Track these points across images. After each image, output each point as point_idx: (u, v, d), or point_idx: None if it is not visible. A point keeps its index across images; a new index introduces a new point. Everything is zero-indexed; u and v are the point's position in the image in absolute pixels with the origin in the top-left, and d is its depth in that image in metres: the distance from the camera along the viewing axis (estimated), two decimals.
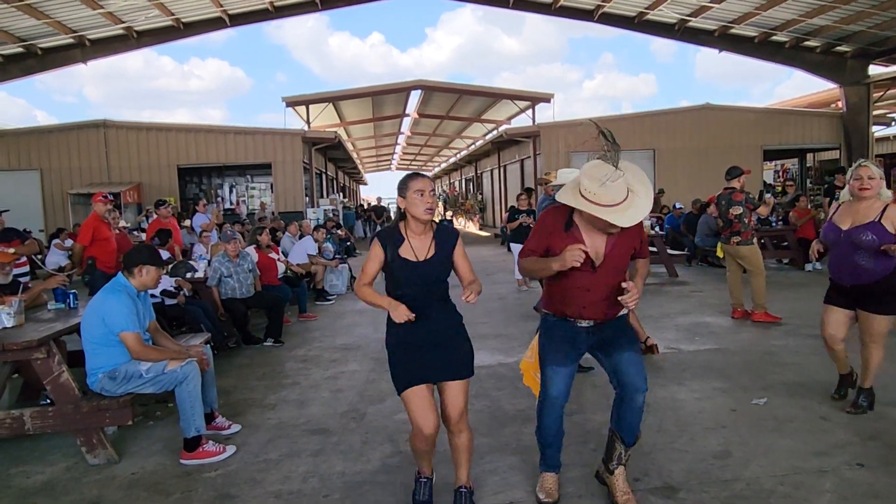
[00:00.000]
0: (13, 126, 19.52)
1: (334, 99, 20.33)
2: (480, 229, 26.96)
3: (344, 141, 23.34)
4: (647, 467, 3.26)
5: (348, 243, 16.00)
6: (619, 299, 2.66)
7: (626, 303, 2.64)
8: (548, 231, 2.81)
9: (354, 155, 32.32)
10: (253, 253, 7.17)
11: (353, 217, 22.14)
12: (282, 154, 18.34)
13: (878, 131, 20.82)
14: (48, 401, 3.86)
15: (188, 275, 6.62)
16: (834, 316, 3.96)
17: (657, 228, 11.93)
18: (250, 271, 6.65)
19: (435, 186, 2.83)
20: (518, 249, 9.81)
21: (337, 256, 10.65)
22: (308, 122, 20.23)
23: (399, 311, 2.59)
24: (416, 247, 2.72)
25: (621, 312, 2.86)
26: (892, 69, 17.80)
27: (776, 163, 24.71)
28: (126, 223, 10.68)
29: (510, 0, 17.54)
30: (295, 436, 3.92)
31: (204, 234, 9.04)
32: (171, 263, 6.66)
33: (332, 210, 19.19)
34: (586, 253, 2.59)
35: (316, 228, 10.83)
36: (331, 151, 23.54)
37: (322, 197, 21.90)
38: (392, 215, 32.88)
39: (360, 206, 30.87)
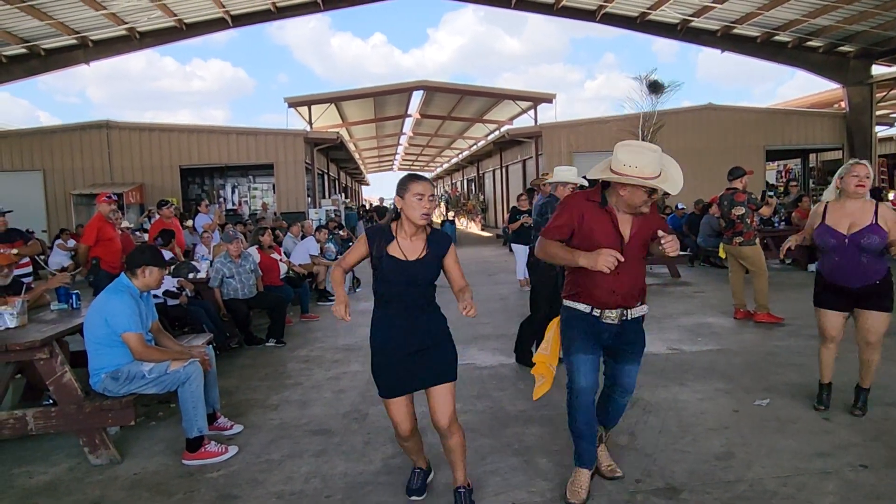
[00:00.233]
0: (16, 127, 19.58)
1: (336, 99, 20.34)
2: (482, 230, 26.95)
3: (346, 141, 23.34)
4: (650, 468, 3.26)
5: (350, 244, 16.01)
6: (661, 245, 2.67)
7: (666, 249, 2.65)
8: (577, 214, 2.81)
9: (356, 155, 32.34)
10: (255, 253, 7.18)
11: (356, 217, 22.11)
12: (284, 154, 18.36)
13: (881, 131, 20.78)
14: (51, 401, 3.86)
15: (190, 275, 6.63)
16: (834, 319, 3.89)
17: None
18: (252, 272, 6.66)
19: (435, 190, 2.81)
20: (519, 250, 9.84)
21: (339, 257, 10.65)
22: (310, 123, 20.25)
23: (339, 308, 2.62)
24: (406, 247, 2.70)
25: (641, 310, 2.93)
26: (895, 69, 17.77)
27: (779, 163, 24.66)
28: (129, 223, 10.71)
29: (512, 0, 17.54)
30: (297, 436, 3.93)
31: (206, 235, 9.05)
32: (174, 264, 6.67)
33: (335, 210, 19.19)
34: (619, 235, 2.72)
35: (318, 229, 10.84)
36: (333, 152, 23.56)
37: (324, 197, 21.91)
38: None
39: (362, 207, 30.86)
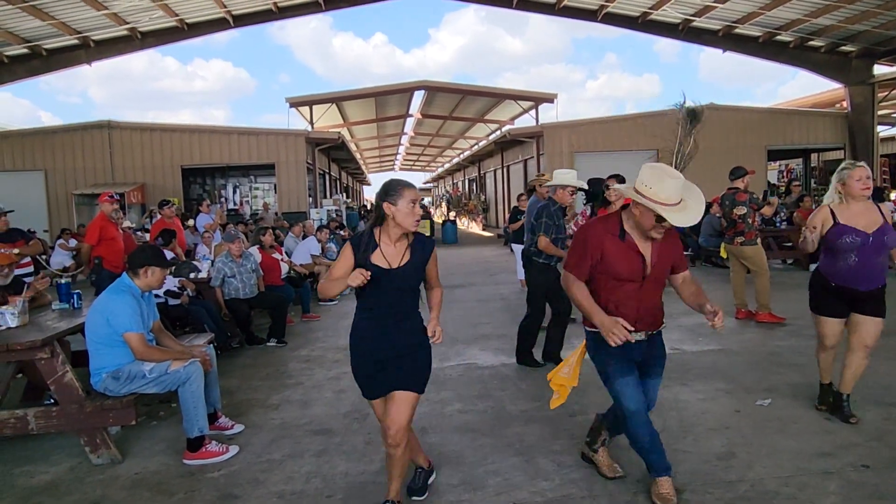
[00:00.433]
0: (18, 127, 19.60)
1: (338, 99, 20.35)
2: (483, 230, 26.95)
3: (347, 141, 23.34)
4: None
5: None
6: (711, 325, 2.70)
7: (717, 326, 2.69)
8: (598, 246, 2.78)
9: (358, 155, 32.35)
10: (256, 253, 7.18)
11: (357, 217, 22.14)
12: (285, 154, 18.36)
13: (883, 131, 20.74)
14: (52, 401, 3.87)
15: (192, 275, 6.64)
16: (837, 327, 3.78)
17: None
18: (253, 271, 6.66)
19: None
20: (520, 250, 9.80)
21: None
22: (311, 123, 20.26)
23: (355, 275, 2.56)
24: (390, 254, 2.67)
25: (662, 326, 2.98)
26: None
27: (780, 163, 24.63)
28: (131, 223, 10.72)
29: (513, 0, 17.54)
30: (298, 436, 3.92)
31: (207, 235, 9.06)
32: (175, 264, 6.67)
33: (336, 210, 19.19)
34: (641, 257, 2.73)
35: (319, 229, 10.84)
36: (334, 152, 23.56)
37: (325, 197, 21.91)
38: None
39: (364, 207, 30.89)
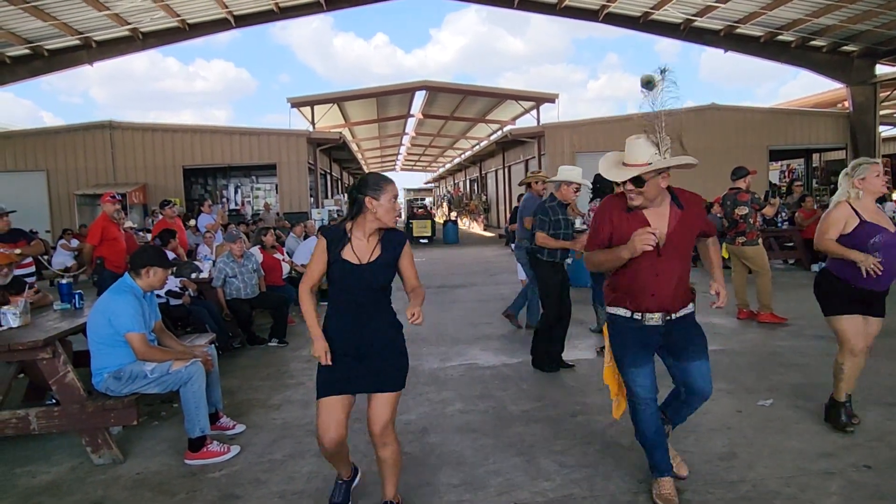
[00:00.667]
0: (20, 127, 19.65)
1: (339, 100, 20.37)
2: (484, 230, 26.95)
3: (348, 141, 23.37)
4: None
5: None
6: (713, 305, 2.83)
7: (720, 306, 2.82)
8: (608, 220, 2.82)
9: (359, 155, 32.39)
10: (257, 253, 7.19)
11: None
12: (286, 155, 18.38)
13: (885, 131, 20.74)
14: (53, 401, 3.88)
15: (193, 275, 6.64)
16: (862, 326, 3.57)
17: None
18: (255, 271, 6.66)
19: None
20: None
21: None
22: (313, 123, 20.27)
23: (317, 348, 2.61)
24: (360, 250, 2.64)
25: (686, 309, 2.88)
26: None
27: (782, 163, 24.61)
28: (132, 223, 10.73)
29: (515, 0, 17.53)
30: (299, 436, 3.92)
31: (208, 235, 9.07)
32: (176, 264, 6.67)
33: (337, 210, 19.20)
34: (653, 234, 2.67)
35: (320, 229, 10.83)
36: (335, 152, 23.60)
37: (327, 197, 21.95)
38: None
39: None
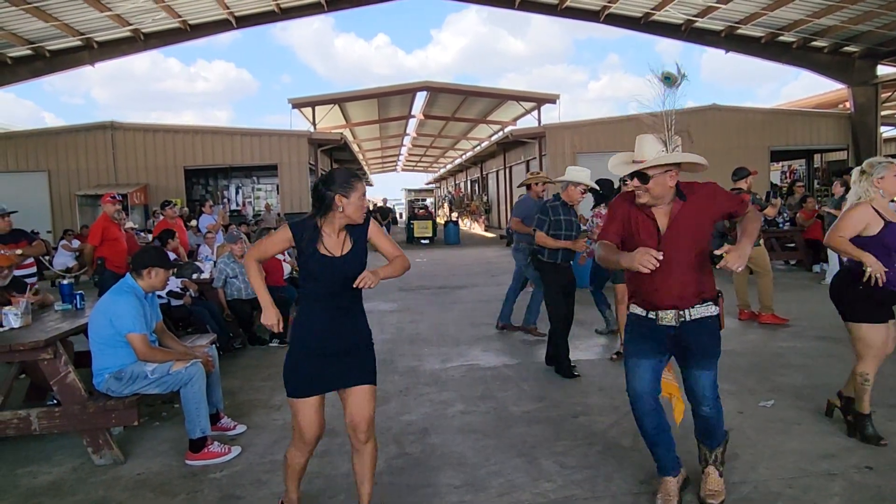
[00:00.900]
0: (21, 128, 19.68)
1: (340, 100, 20.37)
2: (486, 230, 26.94)
3: (350, 142, 23.38)
4: (653, 469, 3.24)
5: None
6: (720, 265, 2.55)
7: (728, 265, 2.52)
8: (624, 212, 2.82)
9: (360, 156, 32.41)
10: None
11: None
12: (287, 155, 18.39)
13: (887, 132, 20.71)
14: (55, 401, 3.88)
15: (194, 276, 6.65)
16: (892, 332, 3.44)
17: None
18: None
19: None
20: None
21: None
22: (314, 124, 20.28)
23: (270, 315, 2.65)
24: (332, 244, 2.64)
25: (705, 311, 2.73)
26: None
27: (783, 164, 24.58)
28: (133, 224, 10.74)
29: (516, 1, 17.53)
30: None
31: (209, 235, 9.07)
32: (178, 265, 6.68)
33: None
34: (655, 227, 2.67)
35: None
36: (336, 153, 23.60)
37: None
38: (397, 216, 32.93)
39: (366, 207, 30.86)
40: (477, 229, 28.32)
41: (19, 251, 5.56)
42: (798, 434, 3.63)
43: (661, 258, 2.48)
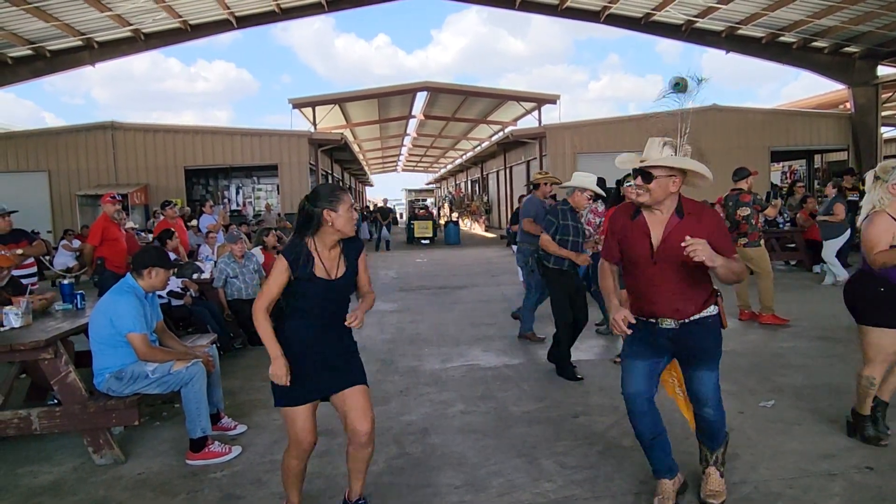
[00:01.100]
0: (21, 128, 19.68)
1: (340, 100, 20.37)
2: (486, 231, 26.95)
3: (350, 142, 23.37)
4: None
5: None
6: (682, 245, 2.46)
7: (688, 251, 2.43)
8: (618, 227, 2.84)
9: (360, 156, 32.41)
10: (259, 254, 7.19)
11: (360, 218, 22.17)
12: (288, 156, 18.39)
13: (887, 132, 20.70)
14: (55, 401, 3.88)
15: (194, 276, 6.65)
16: None
17: None
18: (256, 272, 6.66)
19: None
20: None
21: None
22: (314, 124, 20.28)
23: (278, 366, 2.54)
24: (329, 263, 2.63)
25: (705, 312, 2.73)
26: None
27: (784, 164, 24.59)
28: (134, 224, 10.74)
29: (516, 1, 17.53)
30: None
31: (210, 235, 9.08)
32: (178, 265, 6.68)
33: None
34: (648, 240, 2.68)
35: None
36: (337, 153, 23.59)
37: None
38: (397, 217, 32.91)
39: (366, 208, 30.90)
40: (477, 230, 28.33)
41: (20, 251, 5.56)
42: (798, 434, 3.63)
43: (634, 322, 2.65)
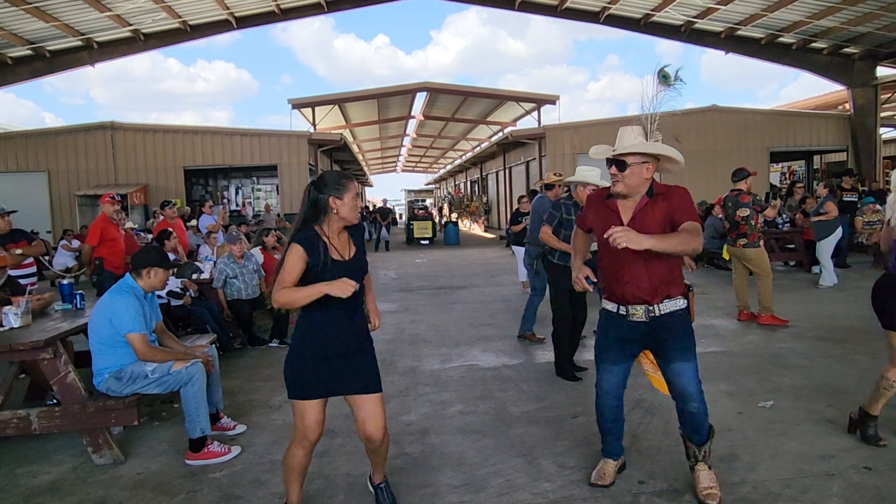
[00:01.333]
0: (21, 128, 19.66)
1: (340, 101, 20.36)
2: (485, 231, 26.95)
3: (349, 143, 23.37)
4: (653, 470, 3.25)
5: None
6: (607, 234, 2.53)
7: (611, 241, 2.49)
8: (591, 204, 3.02)
9: (360, 157, 32.40)
10: (258, 254, 7.19)
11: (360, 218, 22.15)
12: (287, 156, 18.39)
13: (886, 133, 20.70)
14: (55, 401, 3.88)
15: (194, 276, 6.65)
16: None
17: None
18: (255, 272, 6.67)
19: None
20: (521, 252, 9.78)
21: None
22: (314, 124, 20.28)
23: (344, 285, 2.46)
24: (340, 247, 2.68)
25: (673, 305, 2.80)
26: None
27: (783, 165, 24.61)
28: (133, 224, 10.74)
29: (516, 2, 17.54)
30: None
31: (212, 236, 9.07)
32: (177, 265, 6.68)
33: None
34: (617, 217, 2.80)
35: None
36: (336, 153, 23.58)
37: None
38: (397, 217, 32.90)
39: (366, 208, 30.91)
40: (476, 230, 28.33)
41: (19, 251, 5.56)
42: (797, 435, 3.64)
43: (595, 281, 2.85)
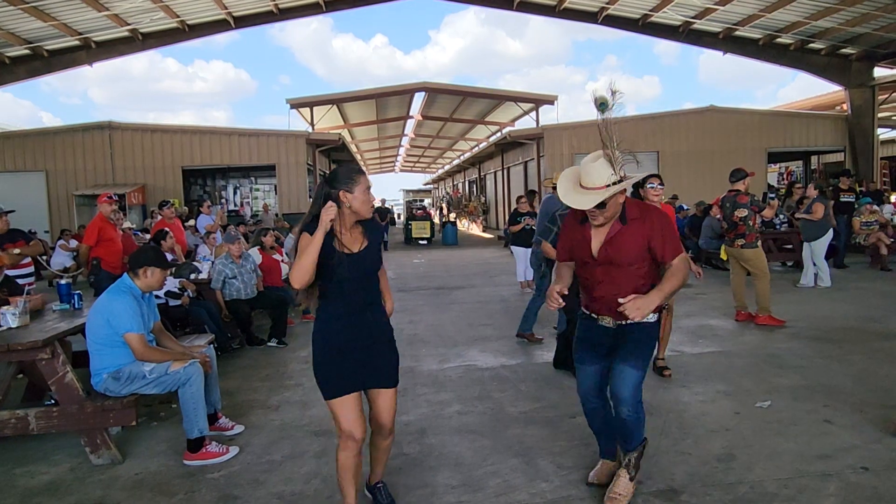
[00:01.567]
0: (19, 127, 19.63)
1: (338, 101, 20.35)
2: (483, 231, 26.95)
3: (348, 143, 23.37)
4: (651, 470, 3.26)
5: None
6: (623, 302, 2.67)
7: (624, 310, 2.66)
8: (568, 228, 3.04)
9: (358, 157, 32.39)
10: (256, 254, 7.19)
11: None
12: (286, 156, 18.38)
13: (883, 134, 20.74)
14: (52, 401, 3.88)
15: (192, 276, 6.64)
16: None
17: None
18: (253, 272, 6.67)
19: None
20: (519, 252, 9.80)
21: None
22: (312, 124, 20.27)
23: (325, 213, 2.50)
24: (349, 240, 2.66)
25: (644, 319, 2.74)
26: None
27: (780, 165, 24.65)
28: (131, 224, 10.73)
29: (514, 2, 17.55)
30: (298, 437, 3.93)
31: (212, 237, 9.07)
32: (175, 265, 6.67)
33: None
34: (590, 246, 2.86)
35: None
36: (334, 153, 23.59)
37: None
38: (395, 217, 32.91)
39: None
40: (475, 230, 28.34)
41: (17, 251, 5.56)
42: (794, 435, 3.65)
43: (564, 304, 2.86)
